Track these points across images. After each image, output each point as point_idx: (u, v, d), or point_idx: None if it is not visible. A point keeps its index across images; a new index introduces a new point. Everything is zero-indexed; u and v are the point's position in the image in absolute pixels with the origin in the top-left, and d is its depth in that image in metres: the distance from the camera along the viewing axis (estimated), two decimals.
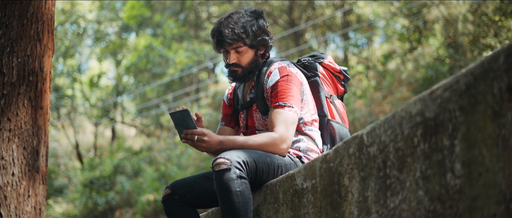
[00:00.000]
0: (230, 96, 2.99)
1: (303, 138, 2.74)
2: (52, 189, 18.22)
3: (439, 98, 1.58)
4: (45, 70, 2.10)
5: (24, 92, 2.02)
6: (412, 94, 13.97)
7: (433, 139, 1.60)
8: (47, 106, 2.13)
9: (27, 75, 2.04)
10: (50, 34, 2.12)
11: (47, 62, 2.09)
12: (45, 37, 2.08)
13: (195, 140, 2.48)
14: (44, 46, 2.08)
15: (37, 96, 2.06)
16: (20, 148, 1.96)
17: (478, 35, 13.53)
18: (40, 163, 2.03)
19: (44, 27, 2.08)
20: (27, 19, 2.03)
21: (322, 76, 2.93)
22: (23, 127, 1.98)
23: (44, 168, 2.04)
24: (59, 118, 21.75)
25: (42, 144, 2.05)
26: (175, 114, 2.48)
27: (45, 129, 2.08)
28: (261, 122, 2.77)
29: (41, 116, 2.07)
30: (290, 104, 2.61)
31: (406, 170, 1.70)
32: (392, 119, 1.78)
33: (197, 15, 20.76)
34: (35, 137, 2.01)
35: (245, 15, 2.77)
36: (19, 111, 1.98)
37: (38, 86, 2.07)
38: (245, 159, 2.41)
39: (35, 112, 2.04)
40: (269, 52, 2.85)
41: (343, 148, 2.02)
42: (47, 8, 2.08)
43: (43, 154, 2.06)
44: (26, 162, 1.98)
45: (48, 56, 2.10)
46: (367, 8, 18.21)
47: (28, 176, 1.95)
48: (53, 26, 2.16)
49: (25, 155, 1.98)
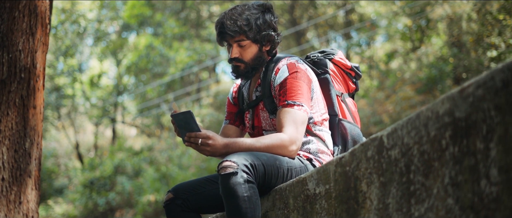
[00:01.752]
0: (235, 94, 2.83)
1: (313, 139, 2.59)
2: (52, 190, 18.09)
3: (471, 96, 1.43)
4: (38, 67, 1.93)
5: (15, 90, 1.86)
6: (415, 94, 13.81)
7: (464, 141, 1.45)
8: (40, 105, 1.96)
9: (18, 71, 1.87)
10: (44, 28, 1.96)
11: (40, 58, 1.93)
12: (39, 31, 1.92)
13: (199, 144, 2.33)
14: (37, 40, 1.91)
15: (30, 95, 1.89)
16: (11, 151, 1.81)
17: (482, 34, 13.39)
18: (32, 167, 1.87)
19: (37, 20, 1.91)
20: (19, 12, 1.87)
21: (333, 73, 2.77)
22: (14, 128, 1.82)
23: (37, 172, 1.89)
24: (59, 118, 21.61)
25: (35, 146, 1.89)
26: (178, 116, 2.33)
27: (38, 130, 1.92)
28: (268, 122, 2.62)
29: (33, 116, 1.91)
30: (299, 103, 2.46)
31: (433, 176, 1.55)
32: (416, 120, 1.63)
33: (198, 14, 20.60)
34: (27, 138, 1.85)
35: (251, 8, 2.61)
36: (10, 110, 1.82)
37: (30, 83, 1.91)
38: (252, 162, 2.26)
39: (27, 112, 1.88)
40: (275, 49, 2.70)
41: (360, 150, 1.87)
42: (41, 0, 1.92)
43: (36, 157, 1.90)
44: (17, 166, 1.82)
45: (42, 52, 1.93)
46: (369, 7, 18.07)
47: (19, 181, 1.79)
48: (47, 20, 2.00)
49: (16, 158, 1.82)
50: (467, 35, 14.05)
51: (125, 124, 23.16)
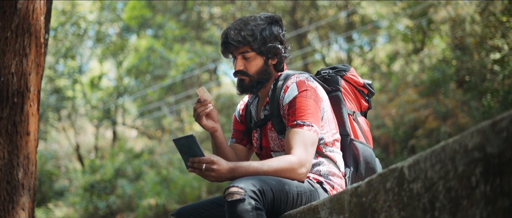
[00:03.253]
0: (242, 112, 2.70)
1: (324, 160, 2.46)
2: (52, 192, 18.01)
3: (505, 131, 1.30)
4: (32, 90, 1.79)
5: (8, 116, 1.72)
6: (418, 97, 13.68)
7: (497, 180, 1.32)
8: (34, 131, 1.82)
9: (10, 96, 1.73)
10: (39, 48, 1.82)
11: (34, 81, 1.79)
12: (33, 51, 1.78)
13: (203, 169, 2.20)
14: (31, 62, 1.77)
15: (23, 121, 1.75)
16: (3, 183, 1.68)
17: (485, 36, 13.29)
18: (26, 199, 1.73)
19: (31, 40, 1.77)
20: (12, 31, 1.73)
21: (344, 91, 2.64)
22: (6, 157, 1.69)
23: (30, 204, 1.75)
24: (59, 120, 21.54)
25: (29, 176, 1.75)
26: (180, 140, 2.21)
27: (32, 158, 1.78)
28: (276, 143, 2.49)
29: (27, 144, 1.78)
30: (309, 123, 2.33)
31: (460, 215, 1.42)
32: (442, 152, 1.50)
33: (199, 15, 20.47)
34: (20, 168, 1.72)
35: (257, 19, 2.49)
36: (1, 138, 1.69)
37: (24, 108, 1.77)
38: (261, 187, 2.13)
39: (20, 139, 1.74)
40: (283, 63, 2.57)
41: (378, 181, 1.74)
42: (35, 18, 1.78)
43: (29, 187, 1.76)
44: (10, 199, 1.68)
45: (36, 74, 1.79)
46: (370, 8, 17.95)
47: (12, 215, 1.66)
48: (43, 39, 1.86)
49: (8, 190, 1.69)
50: (470, 37, 13.93)
51: (125, 126, 23.06)
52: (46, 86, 20.38)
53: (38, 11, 1.81)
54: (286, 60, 2.57)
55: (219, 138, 2.54)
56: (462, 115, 12.44)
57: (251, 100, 2.66)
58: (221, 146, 2.55)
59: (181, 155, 2.25)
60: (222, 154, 2.55)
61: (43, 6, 1.85)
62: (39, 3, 1.82)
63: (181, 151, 2.24)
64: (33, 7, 1.75)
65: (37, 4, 1.77)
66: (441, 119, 12.65)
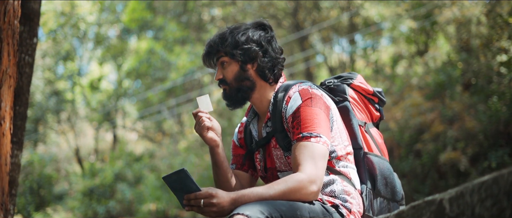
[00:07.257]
0: (240, 134, 2.42)
1: (337, 178, 2.18)
2: (51, 196, 17.78)
3: None
4: (3, 106, 1.53)
5: None
6: (424, 100, 13.42)
7: None
8: (5, 155, 1.55)
9: None
10: (12, 56, 1.55)
11: (6, 95, 1.52)
12: (4, 61, 1.51)
13: (201, 205, 1.93)
14: (3, 73, 1.51)
15: None
16: None
17: (492, 38, 13.05)
18: None
19: (2, 47, 1.52)
20: None
21: (353, 100, 2.36)
22: None
23: None
24: (59, 122, 21.35)
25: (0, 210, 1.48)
26: (170, 177, 1.93)
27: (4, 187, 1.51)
28: (283, 161, 2.21)
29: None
30: (317, 134, 2.06)
31: None
32: (493, 185, 1.23)
33: (200, 17, 20.23)
34: None
35: (242, 25, 2.28)
36: None
37: None
38: (270, 214, 1.86)
39: None
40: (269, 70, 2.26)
41: (411, 215, 1.47)
42: (8, 22, 1.52)
43: None
44: None
45: (8, 87, 1.53)
46: (373, 9, 17.72)
47: None
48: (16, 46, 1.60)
49: None
50: (476, 39, 13.69)
51: (125, 129, 22.87)
52: (46, 89, 20.23)
53: (10, 13, 1.55)
54: (277, 69, 2.29)
55: (220, 155, 2.26)
56: (469, 119, 12.17)
57: (250, 119, 2.38)
58: (222, 166, 2.26)
59: (174, 193, 1.98)
60: (222, 174, 2.27)
61: (17, 7, 1.59)
62: (12, 4, 1.56)
63: (173, 189, 1.97)
64: (5, 9, 1.49)
65: (9, 6, 1.52)
66: (447, 123, 12.38)
